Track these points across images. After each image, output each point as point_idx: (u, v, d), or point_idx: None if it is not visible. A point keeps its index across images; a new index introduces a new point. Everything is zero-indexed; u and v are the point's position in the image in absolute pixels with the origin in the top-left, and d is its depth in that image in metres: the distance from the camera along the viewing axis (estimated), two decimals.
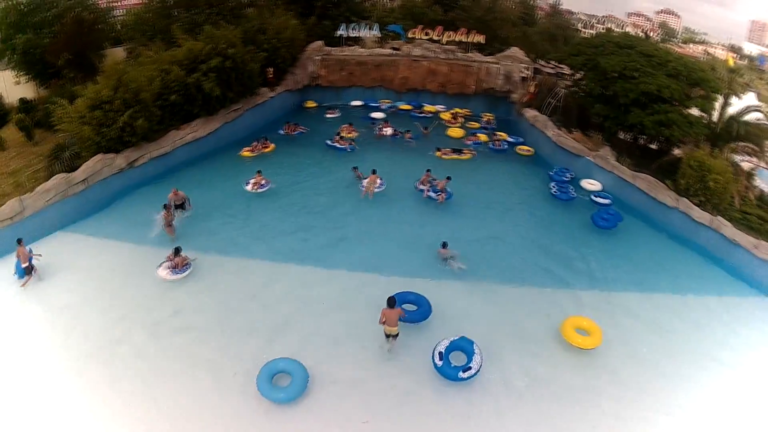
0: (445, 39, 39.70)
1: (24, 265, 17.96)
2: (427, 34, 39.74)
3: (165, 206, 20.99)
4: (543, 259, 21.58)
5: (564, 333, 16.63)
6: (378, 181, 25.44)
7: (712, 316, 19.23)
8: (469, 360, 14.92)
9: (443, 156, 30.26)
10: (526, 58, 38.71)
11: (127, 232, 21.45)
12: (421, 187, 25.40)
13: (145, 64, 27.34)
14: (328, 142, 30.82)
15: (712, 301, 20.08)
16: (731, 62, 59.54)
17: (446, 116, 37.37)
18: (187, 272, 18.54)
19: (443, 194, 24.53)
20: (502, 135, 34.35)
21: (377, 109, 38.10)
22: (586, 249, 22.55)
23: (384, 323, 15.29)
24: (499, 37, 42.25)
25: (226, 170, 27.24)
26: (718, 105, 28.11)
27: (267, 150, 29.55)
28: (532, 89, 35.31)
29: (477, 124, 36.77)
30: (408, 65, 38.90)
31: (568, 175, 28.60)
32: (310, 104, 38.85)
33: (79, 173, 22.45)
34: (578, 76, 34.02)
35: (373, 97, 40.01)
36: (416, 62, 38.81)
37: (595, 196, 26.47)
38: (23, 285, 17.99)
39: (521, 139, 34.01)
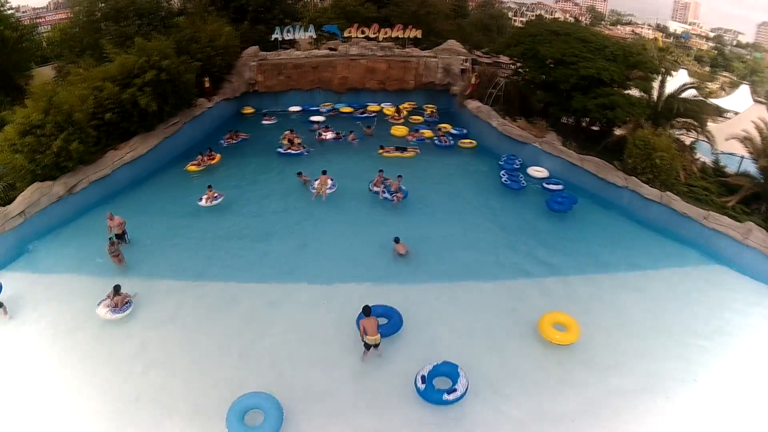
0: (381, 36, 39.47)
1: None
2: (363, 32, 39.37)
3: (110, 240, 19.67)
4: (504, 251, 21.58)
5: (542, 330, 16.47)
6: (329, 182, 25.02)
7: (675, 288, 19.99)
8: (455, 383, 14.22)
9: (385, 154, 29.92)
10: (464, 50, 38.88)
11: (74, 265, 19.91)
12: (375, 189, 24.87)
13: (75, 83, 25.85)
14: (280, 150, 29.99)
15: (671, 273, 20.93)
16: (660, 42, 61.59)
17: (390, 111, 37.34)
18: (127, 311, 17.07)
19: (399, 194, 24.21)
20: (446, 127, 34.55)
21: (317, 113, 37.43)
22: (545, 236, 22.91)
23: (364, 334, 14.90)
24: (434, 31, 42.43)
25: (172, 188, 26.15)
26: (656, 84, 28.97)
27: (213, 162, 28.55)
28: (473, 81, 35.40)
29: (420, 118, 36.87)
30: (346, 65, 38.42)
31: (517, 162, 28.89)
32: (248, 110, 37.80)
33: (16, 206, 20.92)
34: (517, 65, 34.38)
35: (313, 100, 39.26)
36: (354, 61, 38.37)
37: (547, 183, 26.83)
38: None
39: (465, 131, 34.10)
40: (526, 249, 21.74)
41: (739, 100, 46.78)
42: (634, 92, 29.01)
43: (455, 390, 13.98)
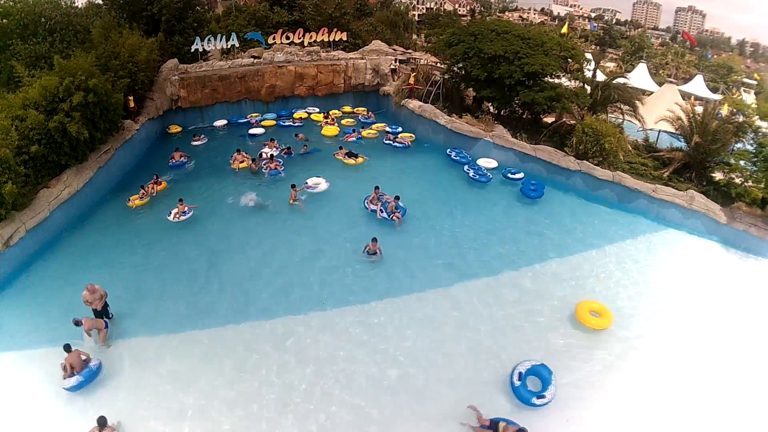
0: (307, 41, 37.94)
1: (77, 372, 14.23)
2: (288, 37, 37.78)
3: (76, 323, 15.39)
4: (499, 244, 21.87)
5: (579, 316, 17.30)
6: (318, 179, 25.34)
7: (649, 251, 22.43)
8: (545, 388, 14.19)
9: (336, 156, 29.30)
10: (392, 50, 38.27)
11: (19, 345, 15.31)
12: (372, 207, 23.26)
13: None
14: (264, 171, 27.64)
15: (635, 241, 23.09)
16: (566, 29, 64.67)
17: (318, 118, 36.54)
18: None
19: (398, 213, 22.70)
20: (382, 126, 34.97)
21: (247, 125, 35.83)
22: (534, 222, 23.92)
23: None
24: (350, 32, 41.65)
25: (117, 224, 23.03)
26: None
27: (160, 188, 25.98)
28: (411, 80, 34.66)
29: (352, 121, 36.56)
30: (274, 73, 36.88)
31: (468, 155, 29.73)
32: (175, 129, 35.00)
33: None
34: (447, 62, 34.45)
35: (241, 112, 37.44)
36: (282, 68, 37.05)
37: (511, 174, 27.75)
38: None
39: (399, 129, 34.27)
40: (516, 238, 22.47)
41: (639, 77, 51.05)
42: (564, 81, 31.59)
43: (543, 396, 13.99)
